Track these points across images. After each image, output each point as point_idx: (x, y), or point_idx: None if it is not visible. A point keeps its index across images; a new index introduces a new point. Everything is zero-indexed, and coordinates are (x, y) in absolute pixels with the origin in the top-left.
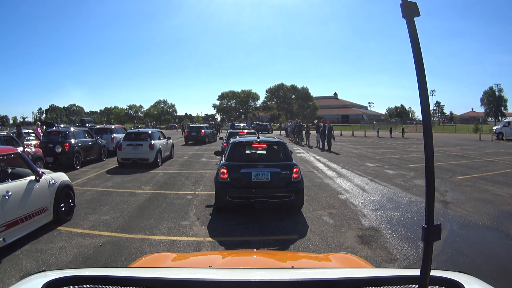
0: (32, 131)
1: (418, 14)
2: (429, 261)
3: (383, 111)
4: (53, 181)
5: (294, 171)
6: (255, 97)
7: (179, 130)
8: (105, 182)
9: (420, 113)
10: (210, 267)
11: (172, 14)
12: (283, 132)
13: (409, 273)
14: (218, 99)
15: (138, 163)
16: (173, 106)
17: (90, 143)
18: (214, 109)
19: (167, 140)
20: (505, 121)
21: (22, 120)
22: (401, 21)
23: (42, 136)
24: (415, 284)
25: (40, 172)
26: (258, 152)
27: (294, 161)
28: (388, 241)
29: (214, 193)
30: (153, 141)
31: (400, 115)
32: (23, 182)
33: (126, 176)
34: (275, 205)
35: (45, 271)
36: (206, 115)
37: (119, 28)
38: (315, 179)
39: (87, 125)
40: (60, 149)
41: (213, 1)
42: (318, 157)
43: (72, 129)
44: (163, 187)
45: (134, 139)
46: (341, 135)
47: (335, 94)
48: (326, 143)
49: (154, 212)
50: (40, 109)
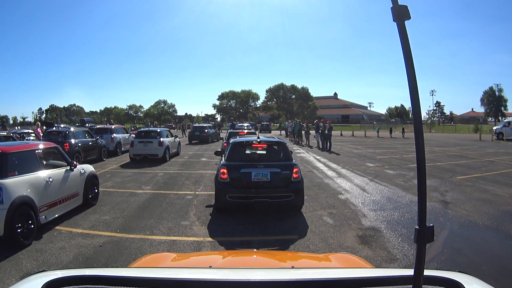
0: (32, 131)
1: (408, 17)
2: (422, 262)
3: (383, 111)
4: (83, 171)
5: (294, 171)
6: (255, 97)
7: (179, 130)
8: (105, 182)
9: (412, 115)
10: (210, 267)
11: (172, 14)
12: (283, 132)
13: (409, 273)
14: (218, 99)
15: (148, 158)
16: (173, 106)
17: (90, 143)
18: (214, 109)
19: (175, 138)
20: (505, 121)
21: (22, 120)
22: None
23: (42, 136)
24: None
25: (74, 163)
26: (258, 152)
27: (294, 161)
28: (388, 241)
29: (214, 193)
30: (162, 139)
31: (400, 115)
32: (61, 171)
33: (126, 176)
34: (275, 205)
35: (45, 271)
36: (206, 115)
37: (119, 28)
38: (315, 179)
39: (87, 125)
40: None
41: (213, 1)
42: (318, 157)
43: (72, 129)
44: (163, 187)
45: (145, 136)
46: (341, 135)
47: (335, 94)
48: (327, 143)
49: (154, 212)
50: (40, 109)
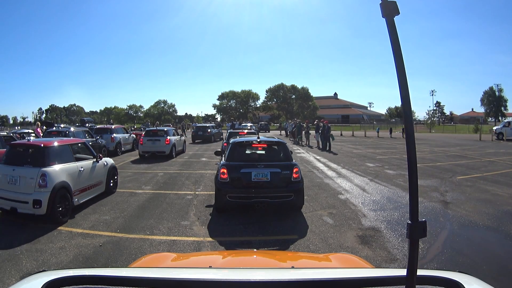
0: (32, 131)
1: (397, 13)
2: (415, 258)
3: (383, 111)
4: (106, 163)
5: (294, 171)
6: (255, 97)
7: (179, 130)
8: None
9: (402, 113)
10: (210, 267)
11: (172, 14)
12: (283, 133)
13: None
14: (218, 99)
15: (156, 155)
16: (173, 106)
17: (90, 143)
18: (214, 109)
19: (180, 137)
20: (505, 121)
21: (22, 120)
22: (402, 21)
23: (42, 136)
24: (420, 284)
25: (100, 156)
26: (258, 152)
27: (294, 161)
28: (388, 241)
29: (214, 193)
30: (168, 137)
31: (400, 115)
32: (89, 162)
33: (126, 176)
34: (275, 205)
35: (45, 271)
36: (206, 115)
37: (119, 28)
38: (315, 179)
39: (87, 125)
40: None
41: (213, 1)
42: (318, 157)
43: (72, 129)
44: (163, 187)
45: (153, 135)
46: (341, 135)
47: (335, 94)
48: (327, 144)
49: (154, 212)
50: (40, 109)
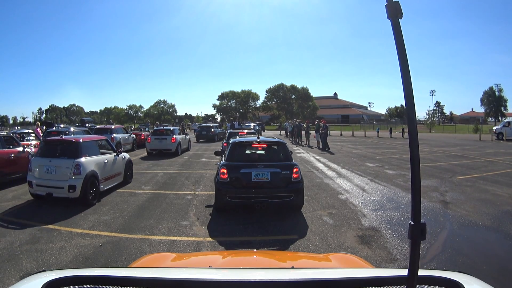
0: (32, 131)
1: (401, 13)
2: (416, 259)
3: (383, 111)
4: (124, 157)
5: (294, 171)
6: (255, 97)
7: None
8: None
9: (406, 114)
10: (210, 267)
11: (172, 14)
12: (283, 133)
13: None
14: (218, 99)
15: (163, 152)
16: (173, 106)
17: None
18: (214, 109)
19: (185, 136)
20: (505, 121)
21: (22, 120)
22: (401, 21)
23: (42, 136)
24: (421, 284)
25: (120, 150)
26: (258, 152)
27: (294, 161)
28: (388, 241)
29: (214, 193)
30: (174, 136)
31: (400, 115)
32: (111, 155)
33: None
34: (275, 205)
35: (45, 271)
36: (206, 115)
37: (119, 28)
38: (315, 179)
39: (87, 125)
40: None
41: (213, 1)
42: (318, 157)
43: (72, 129)
44: (163, 187)
45: (160, 134)
46: (341, 135)
47: (335, 94)
48: (325, 143)
49: (154, 212)
50: (40, 109)
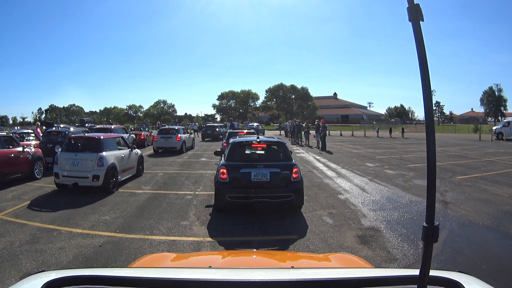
0: (32, 131)
1: (422, 17)
2: (428, 261)
3: (383, 111)
4: (137, 152)
5: (294, 171)
6: (255, 97)
7: None
8: None
9: (424, 113)
10: (210, 267)
11: (172, 14)
12: (283, 133)
13: (409, 273)
14: (218, 99)
15: (169, 150)
16: (173, 106)
17: None
18: (214, 109)
19: (190, 135)
20: (504, 121)
21: (22, 120)
22: (401, 21)
23: (42, 136)
24: (415, 284)
25: (134, 146)
26: (258, 152)
27: (294, 161)
28: (388, 241)
29: (213, 193)
30: (179, 135)
31: (400, 115)
32: (126, 151)
33: None
34: (275, 205)
35: (45, 271)
36: (206, 115)
37: (118, 28)
38: (314, 179)
39: (86, 125)
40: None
41: (212, 1)
42: (317, 157)
43: (71, 129)
44: (163, 187)
45: (166, 133)
46: (340, 135)
47: (335, 94)
48: (321, 143)
49: (154, 212)
50: (40, 109)
